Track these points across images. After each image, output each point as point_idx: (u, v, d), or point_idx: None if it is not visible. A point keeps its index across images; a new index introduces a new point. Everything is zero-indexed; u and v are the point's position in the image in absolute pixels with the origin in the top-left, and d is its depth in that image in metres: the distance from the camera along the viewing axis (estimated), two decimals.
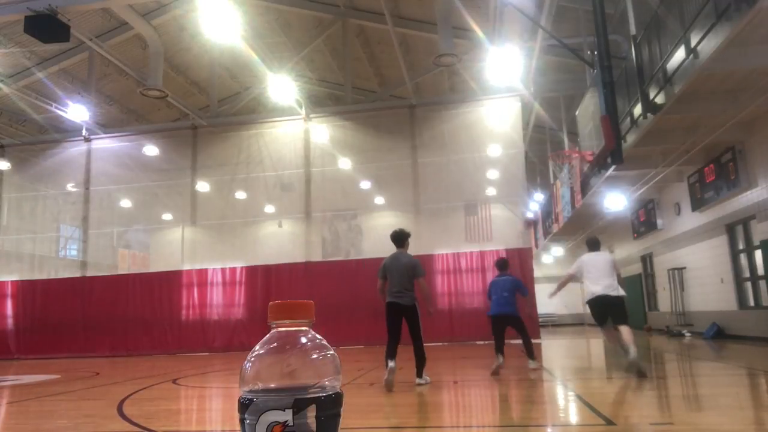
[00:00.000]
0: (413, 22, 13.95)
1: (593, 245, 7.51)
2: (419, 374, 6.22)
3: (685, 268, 14.13)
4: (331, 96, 18.73)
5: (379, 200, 15.34)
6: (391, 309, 6.21)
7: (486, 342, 13.29)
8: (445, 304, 13.80)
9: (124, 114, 17.71)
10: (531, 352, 7.40)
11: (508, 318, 7.37)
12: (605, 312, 6.73)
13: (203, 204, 15.58)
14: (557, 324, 26.82)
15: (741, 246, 11.50)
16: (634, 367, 6.12)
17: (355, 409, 4.71)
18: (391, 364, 5.89)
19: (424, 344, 6.28)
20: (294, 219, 15.12)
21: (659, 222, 15.33)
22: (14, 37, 13.00)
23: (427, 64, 13.59)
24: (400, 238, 6.52)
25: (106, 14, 13.31)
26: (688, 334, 13.42)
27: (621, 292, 6.74)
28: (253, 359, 0.70)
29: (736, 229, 11.56)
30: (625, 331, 6.45)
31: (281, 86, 12.95)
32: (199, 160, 15.60)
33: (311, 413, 0.66)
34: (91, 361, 12.47)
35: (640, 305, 17.92)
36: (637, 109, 9.87)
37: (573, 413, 4.37)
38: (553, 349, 11.58)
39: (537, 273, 16.75)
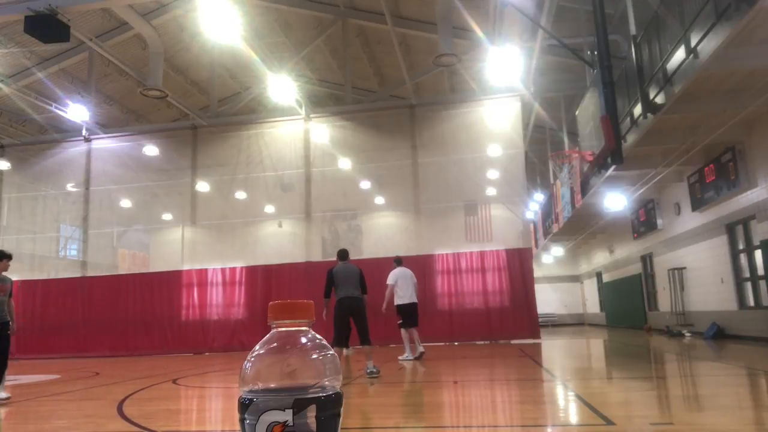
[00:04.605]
0: (413, 22, 13.95)
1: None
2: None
3: (685, 268, 14.13)
4: (331, 96, 18.73)
5: (379, 200, 15.34)
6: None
7: (486, 342, 13.30)
8: (445, 305, 13.80)
9: (124, 114, 17.71)
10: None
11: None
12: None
13: (203, 204, 15.58)
14: (557, 324, 26.84)
15: (741, 246, 11.50)
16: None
17: (355, 409, 4.71)
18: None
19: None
20: (294, 219, 15.12)
21: (659, 222, 15.33)
22: (14, 37, 13.00)
23: (427, 64, 13.59)
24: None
25: (106, 14, 13.31)
26: (688, 334, 13.42)
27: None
28: (253, 359, 0.70)
29: (736, 229, 11.56)
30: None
31: (281, 86, 12.95)
32: (199, 160, 15.60)
33: (311, 413, 0.66)
34: (91, 361, 12.47)
35: (640, 305, 17.92)
36: (637, 109, 9.87)
37: (573, 413, 4.38)
38: (553, 349, 11.59)
39: (537, 273, 16.76)
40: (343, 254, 7.86)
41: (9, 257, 6.42)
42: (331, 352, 0.72)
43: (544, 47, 12.32)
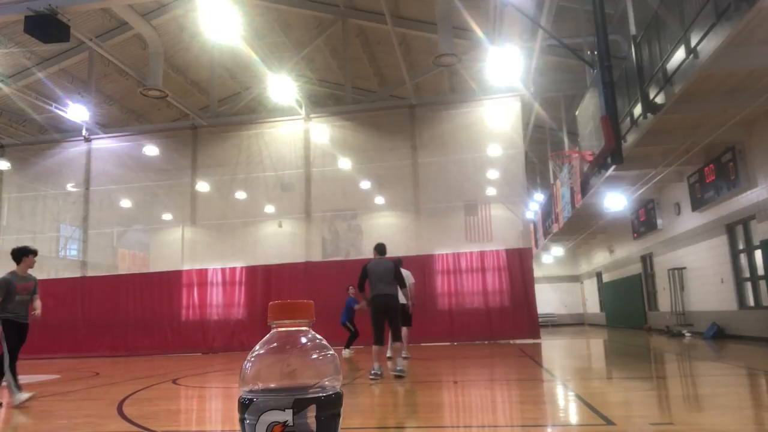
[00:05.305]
0: (413, 22, 13.95)
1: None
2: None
3: (685, 268, 14.13)
4: (331, 96, 18.73)
5: (379, 200, 15.34)
6: None
7: (486, 342, 13.30)
8: (445, 305, 13.80)
9: (124, 114, 17.71)
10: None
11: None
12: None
13: (203, 204, 15.58)
14: (557, 324, 26.83)
15: (741, 246, 11.50)
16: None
17: (355, 409, 4.71)
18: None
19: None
20: (294, 219, 15.12)
21: (659, 222, 15.33)
22: (14, 37, 13.00)
23: (427, 64, 13.59)
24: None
25: (106, 14, 13.31)
26: (688, 334, 13.42)
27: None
28: (253, 359, 0.70)
29: (736, 229, 11.56)
30: None
31: (281, 86, 12.95)
32: (199, 160, 15.60)
33: (311, 413, 0.66)
34: (91, 361, 12.47)
35: (640, 305, 17.92)
36: (637, 109, 9.87)
37: (573, 413, 4.38)
38: (553, 349, 11.59)
39: (537, 273, 16.75)
40: (380, 248, 7.51)
41: (34, 253, 6.19)
42: (331, 352, 0.71)
43: (544, 47, 12.31)
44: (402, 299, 9.45)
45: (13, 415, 5.19)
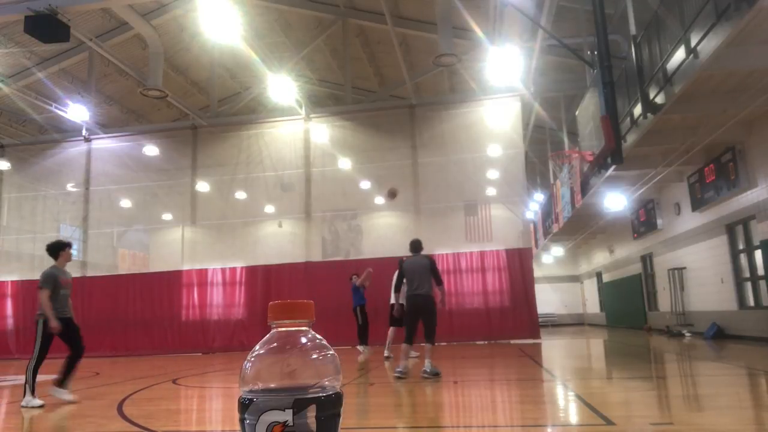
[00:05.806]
0: (413, 22, 13.95)
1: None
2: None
3: (685, 268, 14.13)
4: (331, 96, 18.73)
5: (379, 200, 15.33)
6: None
7: (486, 342, 13.29)
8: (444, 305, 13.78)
9: (124, 114, 17.71)
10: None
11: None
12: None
13: (203, 204, 15.58)
14: (557, 324, 26.83)
15: (741, 246, 11.50)
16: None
17: (355, 409, 4.71)
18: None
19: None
20: (294, 219, 15.12)
21: (659, 222, 15.33)
22: (14, 37, 13.00)
23: (427, 64, 13.58)
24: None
25: (106, 14, 13.31)
26: (688, 334, 13.42)
27: None
28: (253, 359, 0.70)
29: (736, 229, 11.56)
30: None
31: (281, 86, 12.95)
32: (199, 160, 15.60)
33: (311, 413, 0.66)
34: (91, 361, 12.46)
35: (640, 305, 17.92)
36: (637, 109, 9.87)
37: (573, 413, 4.38)
38: (553, 349, 11.59)
39: (537, 273, 16.75)
40: (415, 245, 7.29)
41: (69, 245, 6.04)
42: (331, 352, 0.71)
43: (544, 47, 12.31)
44: (393, 300, 9.32)
45: (13, 415, 5.19)
